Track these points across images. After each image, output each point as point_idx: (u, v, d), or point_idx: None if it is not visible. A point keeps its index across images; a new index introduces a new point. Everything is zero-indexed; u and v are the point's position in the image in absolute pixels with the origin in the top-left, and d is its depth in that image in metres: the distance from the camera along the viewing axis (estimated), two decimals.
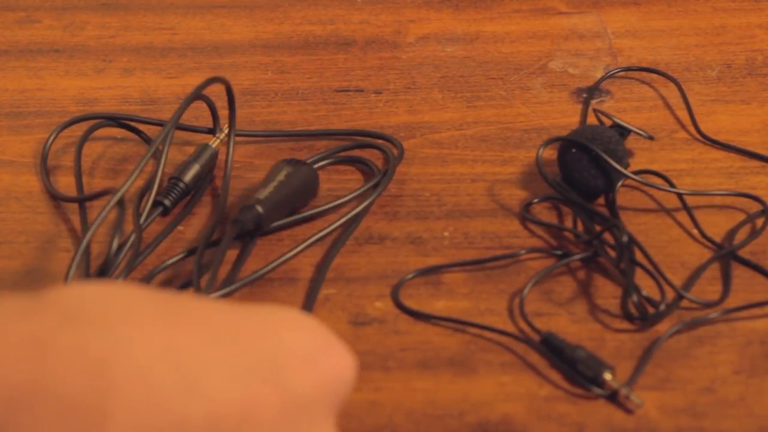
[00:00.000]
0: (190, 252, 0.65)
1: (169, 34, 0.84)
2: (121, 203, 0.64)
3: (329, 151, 0.72)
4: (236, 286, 0.62)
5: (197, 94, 0.67)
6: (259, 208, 0.65)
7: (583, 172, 0.67)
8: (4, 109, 0.77)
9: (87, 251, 0.63)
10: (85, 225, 0.67)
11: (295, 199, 0.67)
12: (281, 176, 0.67)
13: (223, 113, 0.72)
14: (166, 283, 0.63)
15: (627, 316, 0.61)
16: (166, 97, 0.75)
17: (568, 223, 0.67)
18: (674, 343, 0.60)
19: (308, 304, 0.62)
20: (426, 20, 0.85)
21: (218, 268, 0.63)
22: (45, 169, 0.71)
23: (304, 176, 0.67)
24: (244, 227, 0.64)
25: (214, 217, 0.67)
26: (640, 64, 0.80)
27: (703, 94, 0.77)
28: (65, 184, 0.70)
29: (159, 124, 0.72)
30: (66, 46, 0.83)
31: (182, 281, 0.63)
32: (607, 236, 0.65)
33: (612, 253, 0.64)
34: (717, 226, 0.67)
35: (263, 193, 0.65)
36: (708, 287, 0.63)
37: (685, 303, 0.62)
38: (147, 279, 0.63)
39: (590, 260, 0.64)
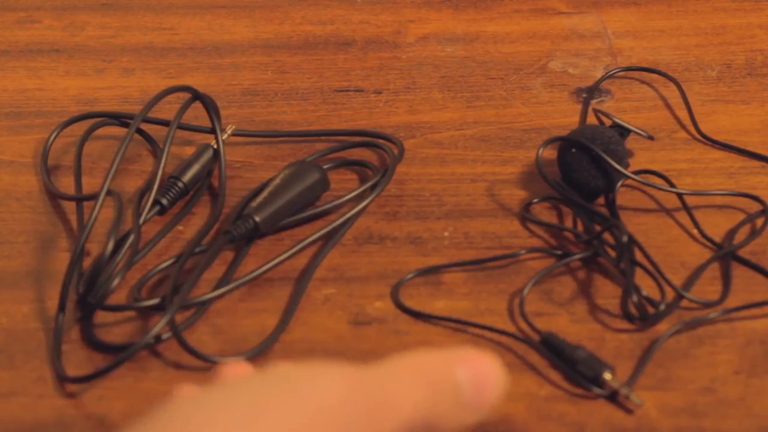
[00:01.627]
0: (178, 258, 0.65)
1: (169, 34, 0.84)
2: (119, 202, 0.64)
3: (329, 149, 0.72)
4: (232, 287, 0.62)
5: (161, 96, 0.70)
6: (255, 219, 0.65)
7: (583, 172, 0.67)
8: (4, 109, 0.77)
9: (82, 252, 0.63)
10: (82, 225, 0.67)
11: (299, 198, 0.67)
12: (277, 180, 0.67)
13: (225, 112, 0.72)
14: (156, 287, 0.63)
15: (627, 316, 0.61)
16: (167, 97, 0.75)
17: (568, 223, 0.67)
18: (674, 343, 0.60)
19: (303, 304, 0.62)
20: (426, 20, 0.85)
21: (200, 275, 0.63)
22: (46, 168, 0.71)
23: (304, 174, 0.67)
24: (234, 239, 0.64)
25: (207, 223, 0.67)
26: (640, 64, 0.80)
27: (703, 94, 0.77)
28: (66, 183, 0.70)
29: (160, 123, 0.72)
30: (66, 46, 0.83)
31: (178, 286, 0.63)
32: (607, 236, 0.65)
33: (612, 253, 0.64)
34: (717, 226, 0.67)
35: (257, 201, 0.66)
36: (708, 287, 0.63)
37: (685, 303, 0.62)
38: (140, 284, 0.62)
39: (590, 260, 0.64)
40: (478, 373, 0.45)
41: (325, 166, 0.69)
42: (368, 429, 0.42)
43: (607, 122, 0.70)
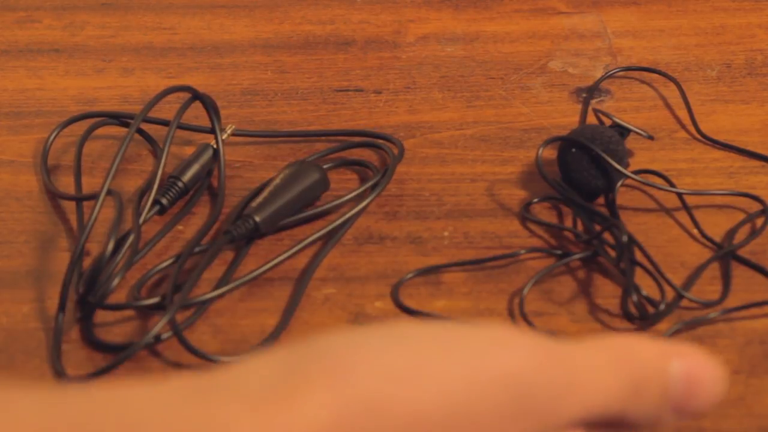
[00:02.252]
0: (177, 258, 0.64)
1: (169, 34, 0.84)
2: (120, 202, 0.64)
3: (329, 150, 0.72)
4: (232, 286, 0.62)
5: (161, 96, 0.70)
6: (254, 219, 0.65)
7: (583, 172, 0.67)
8: (4, 109, 0.77)
9: (82, 252, 0.63)
10: (82, 224, 0.67)
11: (298, 198, 0.67)
12: (277, 180, 0.67)
13: (225, 112, 0.72)
14: (156, 287, 0.63)
15: (627, 315, 0.61)
16: (167, 96, 0.75)
17: (568, 222, 0.67)
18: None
19: (303, 304, 0.62)
20: (426, 20, 0.85)
21: (200, 275, 0.63)
22: (46, 167, 0.71)
23: (304, 174, 0.67)
24: (234, 239, 0.64)
25: (207, 223, 0.67)
26: (640, 64, 0.80)
27: (703, 94, 0.77)
28: (66, 183, 0.70)
29: (160, 123, 0.72)
30: (66, 46, 0.83)
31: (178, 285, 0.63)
32: (607, 236, 0.65)
33: (612, 253, 0.64)
34: (717, 225, 0.67)
35: (257, 201, 0.66)
36: (708, 287, 0.63)
37: (685, 303, 0.62)
38: (139, 284, 0.62)
39: (590, 260, 0.64)
40: (695, 372, 0.40)
41: (325, 166, 0.69)
42: (548, 409, 0.38)
43: (607, 122, 0.70)
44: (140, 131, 0.72)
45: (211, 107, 0.70)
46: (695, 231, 0.67)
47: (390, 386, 0.37)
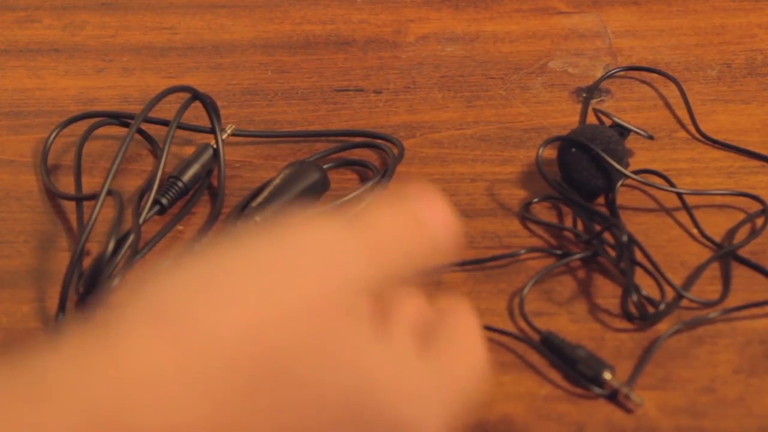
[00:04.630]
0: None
1: (169, 34, 0.84)
2: (120, 202, 0.64)
3: (329, 150, 0.72)
4: None
5: (161, 96, 0.70)
6: (255, 219, 0.65)
7: (583, 172, 0.67)
8: (4, 108, 0.77)
9: (82, 252, 0.63)
10: (82, 224, 0.67)
11: (298, 198, 0.67)
12: (277, 180, 0.67)
13: (225, 112, 0.72)
14: None
15: (627, 315, 0.61)
16: (167, 96, 0.75)
17: (568, 222, 0.67)
18: (674, 343, 0.60)
19: None
20: (426, 20, 0.85)
21: None
22: (45, 167, 0.71)
23: (304, 174, 0.67)
24: None
25: (207, 223, 0.67)
26: (640, 64, 0.80)
27: (703, 94, 0.77)
28: (66, 183, 0.71)
29: (160, 123, 0.72)
30: (66, 46, 0.83)
31: None
32: (607, 236, 0.65)
33: (612, 253, 0.64)
34: (717, 225, 0.67)
35: (257, 201, 0.66)
36: (708, 287, 0.63)
37: (685, 302, 0.62)
38: None
39: (590, 260, 0.64)
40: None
41: (325, 166, 0.70)
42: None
43: (607, 122, 0.70)
44: (140, 131, 0.72)
45: (211, 107, 0.70)
46: (695, 231, 0.67)
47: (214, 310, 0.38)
